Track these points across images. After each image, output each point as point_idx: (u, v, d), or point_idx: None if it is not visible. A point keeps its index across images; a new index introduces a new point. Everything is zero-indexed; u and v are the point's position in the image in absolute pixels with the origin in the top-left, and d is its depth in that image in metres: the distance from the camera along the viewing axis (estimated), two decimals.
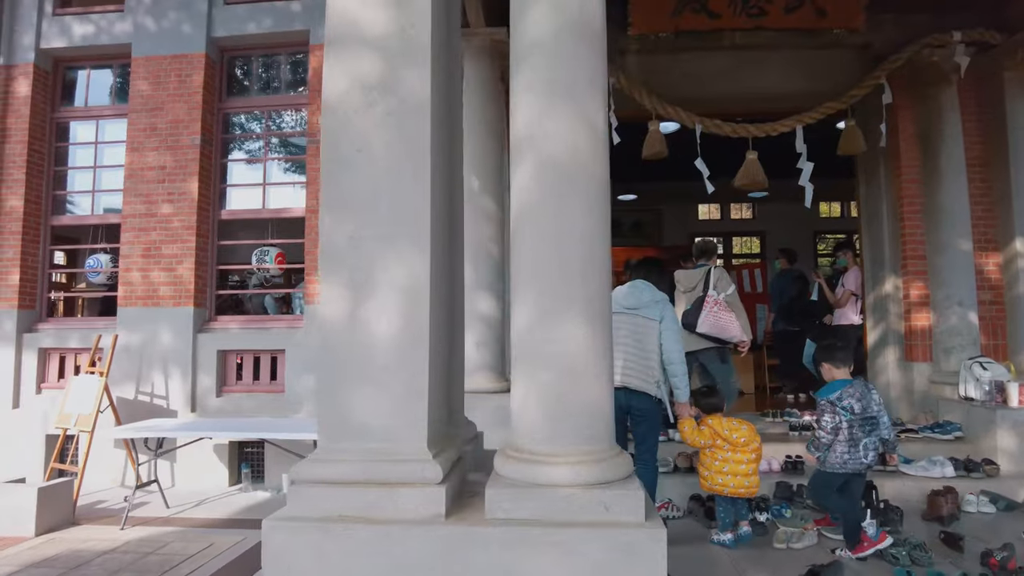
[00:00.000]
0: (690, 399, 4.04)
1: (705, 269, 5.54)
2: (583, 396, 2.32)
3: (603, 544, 2.12)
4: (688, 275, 5.66)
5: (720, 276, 5.48)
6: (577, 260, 2.35)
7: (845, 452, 3.69)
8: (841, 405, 3.68)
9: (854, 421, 3.67)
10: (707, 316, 5.32)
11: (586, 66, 2.42)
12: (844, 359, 3.81)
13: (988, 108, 6.12)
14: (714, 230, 16.19)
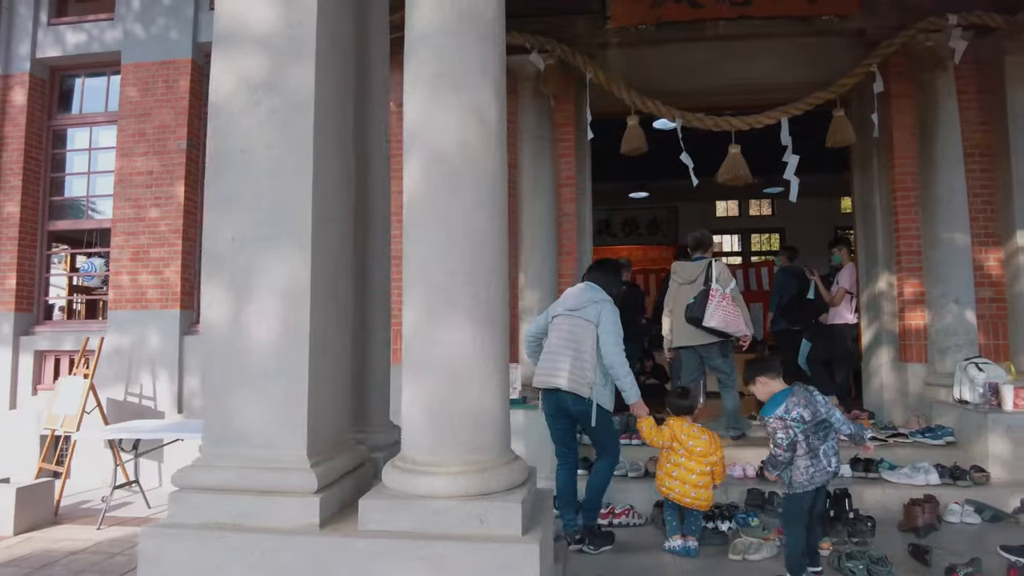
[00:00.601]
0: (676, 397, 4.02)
1: (705, 262, 5.39)
2: (469, 403, 2.23)
3: (473, 559, 2.03)
4: (686, 267, 5.52)
5: (722, 270, 5.34)
6: (465, 259, 2.26)
7: (809, 465, 3.41)
8: (792, 417, 3.44)
9: (808, 430, 3.46)
10: (716, 310, 5.16)
11: (475, 57, 2.33)
12: (777, 368, 3.51)
13: (989, 95, 5.80)
14: (732, 227, 15.86)
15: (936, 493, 4.47)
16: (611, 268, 4.27)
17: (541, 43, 5.76)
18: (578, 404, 3.80)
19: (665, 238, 15.46)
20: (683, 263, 5.65)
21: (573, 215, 6.08)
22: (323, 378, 2.40)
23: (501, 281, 2.34)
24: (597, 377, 3.78)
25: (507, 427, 2.34)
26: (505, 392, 2.33)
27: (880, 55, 5.67)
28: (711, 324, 5.15)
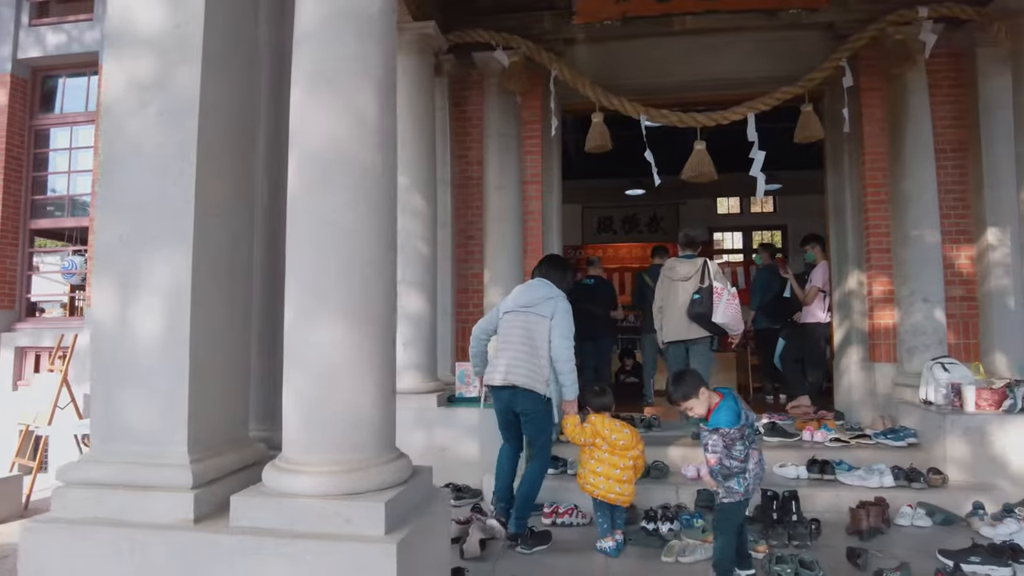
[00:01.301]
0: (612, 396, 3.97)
1: (700, 260, 5.49)
2: (342, 402, 2.23)
3: (334, 558, 2.03)
4: (679, 264, 5.57)
5: (718, 269, 5.45)
6: (339, 257, 2.26)
7: (755, 467, 3.36)
8: (748, 423, 3.37)
9: (750, 433, 3.39)
10: (727, 308, 5.28)
11: (353, 55, 2.32)
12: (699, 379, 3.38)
13: (962, 89, 5.69)
14: (734, 224, 15.70)
15: (890, 496, 4.40)
16: (561, 264, 4.30)
17: (506, 40, 5.75)
18: (528, 401, 3.83)
19: (666, 235, 15.31)
20: (676, 260, 5.70)
21: (539, 212, 6.06)
22: (211, 377, 2.42)
23: (381, 280, 2.33)
24: (552, 374, 3.81)
25: (386, 427, 2.33)
26: (384, 392, 2.32)
27: (849, 49, 5.57)
28: (720, 320, 5.26)
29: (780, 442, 5.19)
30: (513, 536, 3.82)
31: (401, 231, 5.27)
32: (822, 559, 3.60)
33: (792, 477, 4.73)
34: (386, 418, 2.34)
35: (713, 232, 15.61)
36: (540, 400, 3.81)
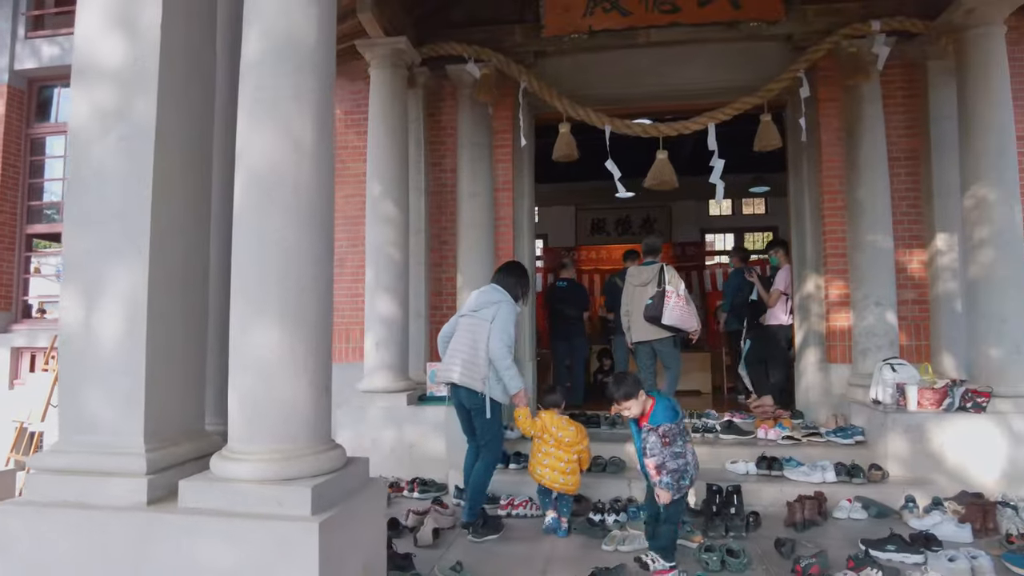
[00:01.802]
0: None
1: (657, 266, 5.96)
2: (278, 398, 2.50)
3: (266, 535, 2.30)
4: (640, 271, 6.08)
5: (673, 274, 5.92)
6: (276, 269, 2.52)
7: (692, 458, 3.58)
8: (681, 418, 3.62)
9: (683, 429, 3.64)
10: (673, 310, 5.75)
11: (290, 86, 2.58)
12: (640, 382, 3.64)
13: (914, 99, 5.90)
14: (726, 226, 15.90)
15: (831, 490, 4.64)
16: (516, 271, 4.53)
17: (478, 53, 6.00)
18: (471, 398, 4.11)
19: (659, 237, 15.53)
20: (638, 267, 6.18)
21: (510, 218, 6.31)
22: (167, 376, 2.69)
23: (315, 289, 2.59)
24: (492, 372, 4.05)
25: (319, 421, 2.59)
26: (317, 390, 2.58)
27: (807, 60, 5.79)
28: (668, 322, 5.71)
29: (735, 439, 5.43)
30: (465, 525, 4.08)
31: (374, 238, 5.59)
32: (752, 548, 3.86)
33: (742, 473, 4.96)
34: (319, 413, 2.60)
35: (705, 233, 15.83)
36: (478, 397, 4.07)
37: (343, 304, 6.31)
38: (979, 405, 4.80)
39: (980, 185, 5.03)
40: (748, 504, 4.58)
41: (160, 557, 2.37)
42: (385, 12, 5.53)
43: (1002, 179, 4.96)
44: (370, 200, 5.58)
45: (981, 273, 5.03)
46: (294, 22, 2.63)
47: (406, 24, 5.92)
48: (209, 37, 3.02)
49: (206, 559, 2.33)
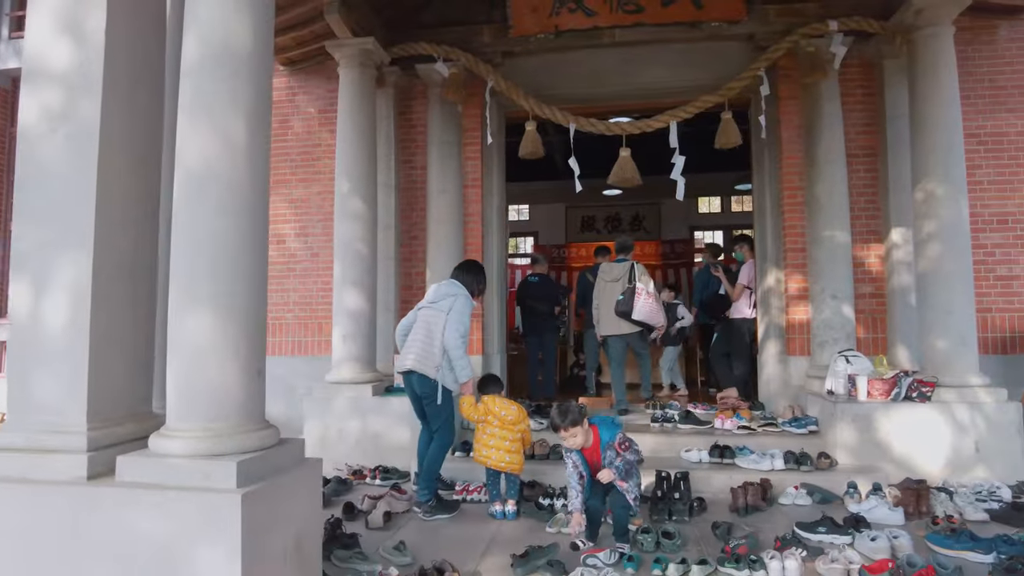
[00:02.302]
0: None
1: (628, 264, 6.38)
2: (208, 380, 2.66)
3: (193, 505, 2.47)
4: (612, 267, 6.50)
5: (643, 271, 6.38)
6: (209, 258, 2.69)
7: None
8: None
9: None
10: (642, 305, 6.21)
11: (225, 90, 2.74)
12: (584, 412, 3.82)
13: (872, 97, 6.03)
14: (716, 223, 16.02)
15: (779, 478, 4.79)
16: (472, 269, 4.76)
17: (447, 52, 6.15)
18: (423, 384, 4.33)
19: (648, 234, 15.70)
20: (610, 264, 6.58)
21: (478, 215, 6.46)
22: (111, 360, 2.85)
23: (246, 278, 2.75)
24: (445, 361, 4.25)
25: (250, 402, 2.75)
26: (248, 373, 2.74)
27: (767, 59, 5.92)
28: (638, 317, 6.14)
29: (692, 429, 5.58)
30: (418, 504, 4.27)
31: (342, 234, 5.76)
32: (691, 532, 4.02)
33: (695, 461, 5.12)
34: (251, 395, 2.76)
35: (694, 231, 15.96)
36: (430, 383, 4.29)
37: (315, 298, 6.49)
38: (924, 395, 4.94)
39: (929, 181, 5.15)
40: (697, 490, 4.73)
41: (98, 527, 2.53)
42: (353, 14, 5.69)
43: (949, 175, 5.08)
44: (338, 197, 5.75)
45: (929, 267, 5.15)
46: (230, 30, 2.78)
47: (376, 24, 6.08)
48: (157, 41, 3.18)
49: (140, 528, 2.50)
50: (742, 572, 3.29)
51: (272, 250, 6.71)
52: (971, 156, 5.78)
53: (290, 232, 6.67)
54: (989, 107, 5.87)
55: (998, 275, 5.81)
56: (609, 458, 3.69)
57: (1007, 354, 5.76)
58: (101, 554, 2.50)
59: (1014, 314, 5.78)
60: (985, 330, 5.78)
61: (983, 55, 5.91)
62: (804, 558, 3.39)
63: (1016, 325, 5.77)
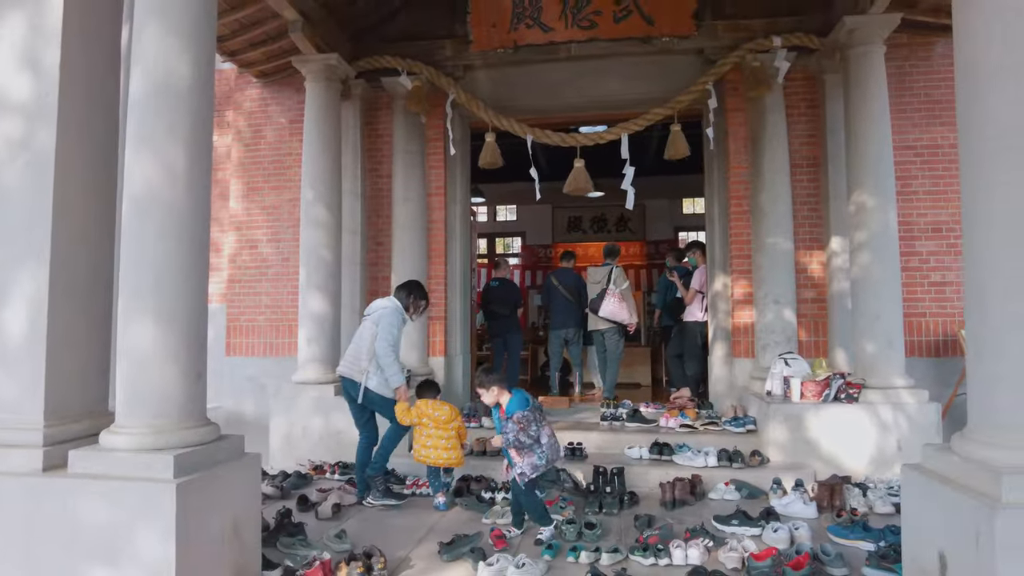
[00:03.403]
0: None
1: (609, 268, 7.18)
2: (152, 382, 2.97)
3: (135, 493, 2.78)
4: (597, 271, 7.36)
5: (619, 274, 7.16)
6: (152, 273, 2.99)
7: (548, 440, 4.08)
8: (536, 406, 4.13)
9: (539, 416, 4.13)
10: (607, 304, 7.09)
11: (166, 121, 3.04)
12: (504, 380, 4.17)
13: (815, 109, 6.30)
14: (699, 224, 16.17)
15: (712, 474, 5.09)
16: (408, 286, 5.09)
17: (410, 66, 6.44)
18: (352, 387, 4.75)
19: (633, 235, 16.00)
20: (595, 268, 7.44)
21: (442, 221, 6.76)
22: (68, 364, 3.16)
23: (187, 290, 3.05)
24: (372, 367, 4.60)
25: (189, 402, 3.05)
26: (188, 376, 3.04)
27: (715, 74, 6.20)
28: (603, 314, 7.03)
29: (638, 427, 5.88)
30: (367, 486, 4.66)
31: (307, 240, 6.06)
32: (618, 524, 4.32)
33: (636, 457, 5.42)
34: (190, 396, 3.07)
35: (679, 231, 16.22)
36: (357, 386, 4.71)
37: (285, 301, 6.80)
38: (852, 396, 5.23)
39: (861, 192, 5.43)
40: (634, 485, 5.03)
41: (50, 514, 2.84)
42: (318, 30, 5.99)
43: (879, 187, 5.36)
44: (304, 205, 6.04)
45: (861, 274, 5.44)
46: (171, 66, 3.08)
47: (341, 39, 6.38)
48: (112, 73, 3.49)
49: (87, 514, 2.81)
50: (648, 559, 3.59)
51: (246, 255, 7.03)
52: (907, 167, 6.08)
53: (262, 237, 6.97)
54: (925, 120, 6.15)
55: (932, 281, 6.09)
56: (506, 429, 4.03)
57: (939, 357, 6.05)
58: (52, 538, 2.82)
59: (946, 319, 6.07)
60: (919, 334, 6.07)
61: (919, 71, 6.18)
62: (709, 547, 3.69)
63: (948, 329, 6.06)
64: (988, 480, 2.53)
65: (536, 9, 6.38)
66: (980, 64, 2.73)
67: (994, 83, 2.66)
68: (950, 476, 2.80)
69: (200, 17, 3.19)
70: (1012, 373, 2.58)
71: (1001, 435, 2.60)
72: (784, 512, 4.37)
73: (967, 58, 2.83)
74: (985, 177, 2.69)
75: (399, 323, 4.76)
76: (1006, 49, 2.61)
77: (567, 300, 7.50)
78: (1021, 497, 2.41)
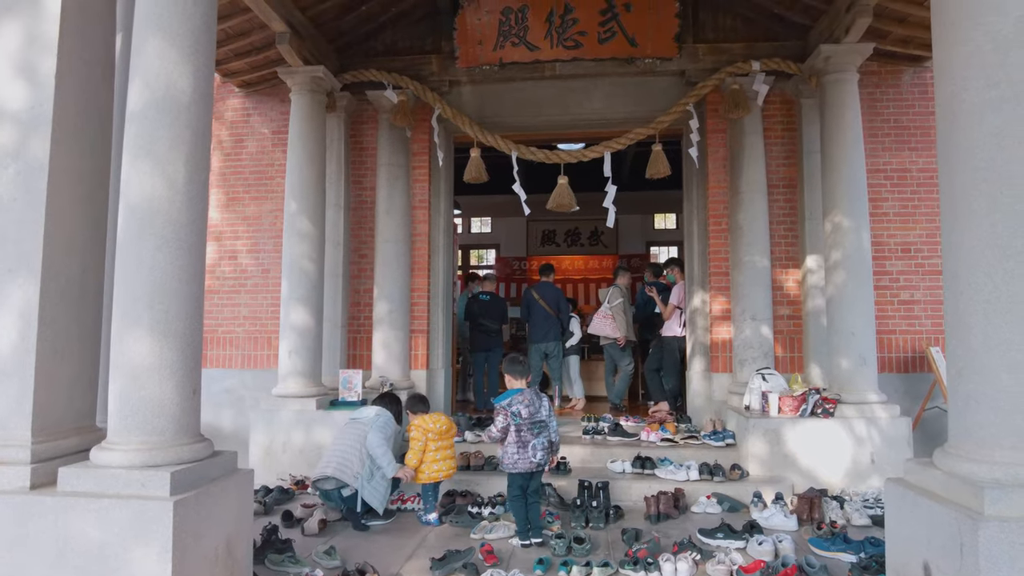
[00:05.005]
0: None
1: (609, 288, 7.88)
2: (146, 397, 2.92)
3: (129, 511, 2.73)
4: (604, 291, 8.06)
5: (611, 293, 7.74)
6: (149, 286, 2.96)
7: (515, 453, 4.20)
8: (511, 410, 4.21)
9: (522, 424, 4.19)
10: (595, 321, 7.71)
11: (166, 135, 3.02)
12: (522, 372, 4.35)
13: (792, 132, 6.50)
14: (671, 239, 16.52)
15: (693, 487, 5.18)
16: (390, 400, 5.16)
17: (396, 80, 6.47)
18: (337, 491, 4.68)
19: (606, 248, 16.21)
20: (603, 289, 8.20)
21: (426, 235, 6.78)
22: (58, 378, 3.09)
23: (184, 306, 3.02)
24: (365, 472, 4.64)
25: (184, 417, 3.01)
26: (183, 391, 3.00)
27: (695, 95, 6.36)
28: (591, 330, 7.63)
29: (619, 441, 5.95)
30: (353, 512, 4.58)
31: (290, 252, 6.02)
32: (605, 537, 4.38)
33: (619, 471, 5.48)
34: (185, 411, 3.03)
35: (651, 246, 16.47)
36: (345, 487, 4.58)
37: (265, 313, 6.73)
38: (828, 411, 5.38)
39: (836, 213, 5.62)
40: (617, 499, 5.09)
41: (39, 532, 2.77)
42: (306, 43, 5.98)
43: (853, 208, 5.56)
44: (287, 216, 6.01)
45: (836, 292, 5.62)
46: (172, 79, 3.07)
47: (328, 52, 6.38)
48: (107, 84, 3.45)
49: (78, 534, 2.75)
50: (638, 574, 3.65)
51: (225, 266, 6.94)
52: (878, 190, 6.31)
53: (242, 248, 6.89)
54: (894, 145, 6.40)
55: (901, 300, 6.32)
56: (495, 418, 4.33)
57: (908, 372, 6.27)
58: (41, 559, 2.75)
59: (915, 336, 6.29)
60: (889, 350, 6.28)
61: (889, 97, 6.44)
62: (697, 560, 3.76)
63: (916, 346, 6.28)
64: (971, 494, 2.64)
65: (522, 28, 6.47)
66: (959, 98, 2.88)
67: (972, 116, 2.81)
68: (933, 490, 2.91)
69: (200, 30, 3.19)
70: (992, 391, 2.70)
71: (982, 451, 2.72)
72: (766, 525, 4.48)
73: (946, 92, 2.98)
74: (964, 205, 2.82)
75: (393, 428, 4.84)
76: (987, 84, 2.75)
77: (547, 314, 7.58)
78: (1003, 510, 2.53)
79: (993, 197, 2.68)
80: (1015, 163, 2.63)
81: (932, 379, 6.06)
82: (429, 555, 3.89)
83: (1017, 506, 2.51)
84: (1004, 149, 2.64)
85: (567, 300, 8.15)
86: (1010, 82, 2.65)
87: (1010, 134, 2.64)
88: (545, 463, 4.31)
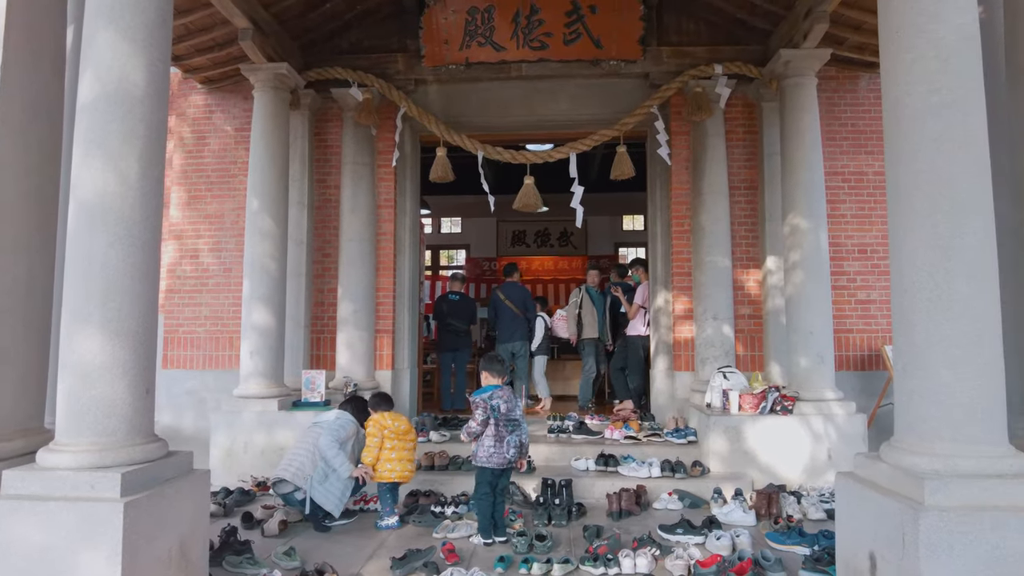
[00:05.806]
0: None
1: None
2: (98, 397, 2.86)
3: (78, 514, 2.67)
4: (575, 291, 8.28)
5: (574, 294, 8.03)
6: (100, 283, 2.89)
7: (491, 446, 4.23)
8: (491, 403, 4.24)
9: (500, 420, 4.22)
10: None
11: (118, 129, 2.96)
12: (500, 371, 4.42)
13: (754, 135, 6.62)
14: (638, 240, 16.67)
15: (655, 484, 5.23)
16: (358, 404, 5.05)
17: (361, 78, 6.43)
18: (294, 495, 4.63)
19: (575, 249, 16.31)
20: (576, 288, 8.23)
21: (391, 234, 6.75)
22: (3, 380, 3.04)
23: (137, 304, 2.96)
24: (317, 474, 4.56)
25: (137, 418, 2.95)
26: (136, 391, 2.95)
27: (659, 98, 6.43)
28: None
29: (584, 439, 5.99)
30: None
31: (251, 251, 5.94)
32: (567, 534, 4.40)
33: (583, 469, 5.52)
34: (138, 411, 2.98)
35: (619, 247, 16.62)
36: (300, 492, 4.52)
37: (227, 312, 6.63)
38: (787, 408, 5.49)
39: (795, 215, 5.74)
40: (581, 496, 5.13)
41: None
42: (269, 39, 5.91)
43: (812, 210, 5.68)
44: (249, 215, 5.93)
45: (795, 292, 5.74)
46: (125, 72, 3.01)
47: (292, 49, 6.32)
48: (57, 77, 3.38)
49: (23, 538, 2.69)
50: (598, 570, 3.68)
51: (186, 265, 6.82)
52: (836, 192, 6.46)
53: (204, 247, 6.78)
54: (852, 148, 6.56)
55: (859, 299, 6.48)
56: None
57: (864, 370, 6.43)
58: None
59: (871, 334, 6.46)
60: (847, 349, 6.43)
61: (847, 102, 6.60)
62: (656, 556, 3.81)
63: (872, 344, 6.44)
64: (912, 485, 2.73)
65: (488, 28, 6.49)
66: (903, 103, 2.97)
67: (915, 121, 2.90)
68: (879, 482, 3.00)
69: (154, 24, 3.13)
70: (934, 387, 2.80)
71: (924, 444, 2.81)
72: (725, 520, 4.55)
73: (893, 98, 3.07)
74: (908, 207, 2.91)
75: (348, 427, 4.72)
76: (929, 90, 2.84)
77: (514, 314, 7.60)
78: (941, 500, 2.62)
79: (934, 199, 2.77)
80: (955, 166, 2.73)
81: (887, 376, 6.23)
82: (390, 555, 3.87)
83: (955, 496, 2.60)
84: (943, 152, 2.74)
85: (535, 300, 8.19)
86: (950, 88, 2.75)
87: (949, 138, 2.74)
88: (515, 461, 4.34)
